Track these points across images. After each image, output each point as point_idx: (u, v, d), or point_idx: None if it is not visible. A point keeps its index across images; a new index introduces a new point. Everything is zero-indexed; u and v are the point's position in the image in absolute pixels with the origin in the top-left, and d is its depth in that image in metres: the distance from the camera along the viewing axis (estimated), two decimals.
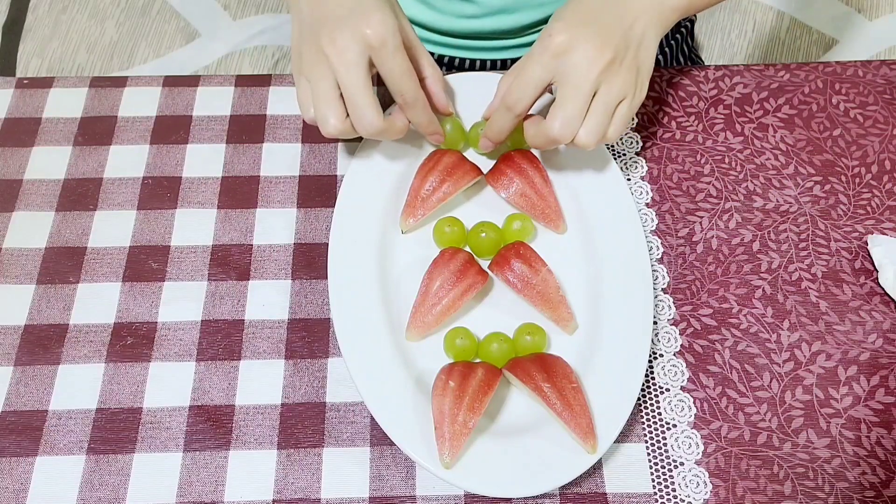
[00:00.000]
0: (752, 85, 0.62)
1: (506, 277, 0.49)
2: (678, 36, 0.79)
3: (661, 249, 0.54)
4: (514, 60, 0.72)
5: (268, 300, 0.52)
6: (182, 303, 0.52)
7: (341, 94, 0.47)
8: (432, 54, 0.73)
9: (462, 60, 0.72)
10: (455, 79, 0.58)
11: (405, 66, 0.47)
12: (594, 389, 0.46)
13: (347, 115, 0.48)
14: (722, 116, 0.60)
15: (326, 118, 0.47)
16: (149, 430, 0.47)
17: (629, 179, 0.57)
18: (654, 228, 0.55)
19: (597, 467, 0.46)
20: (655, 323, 0.51)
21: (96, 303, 0.52)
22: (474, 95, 0.58)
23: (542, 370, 0.45)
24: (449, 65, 0.73)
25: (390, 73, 0.47)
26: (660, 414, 0.48)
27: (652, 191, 0.57)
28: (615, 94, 0.48)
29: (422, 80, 0.52)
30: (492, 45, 0.71)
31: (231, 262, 0.54)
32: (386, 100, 0.57)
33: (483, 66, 0.72)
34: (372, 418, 0.47)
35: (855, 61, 0.63)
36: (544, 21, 0.68)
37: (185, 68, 1.47)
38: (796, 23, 1.54)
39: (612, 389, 0.46)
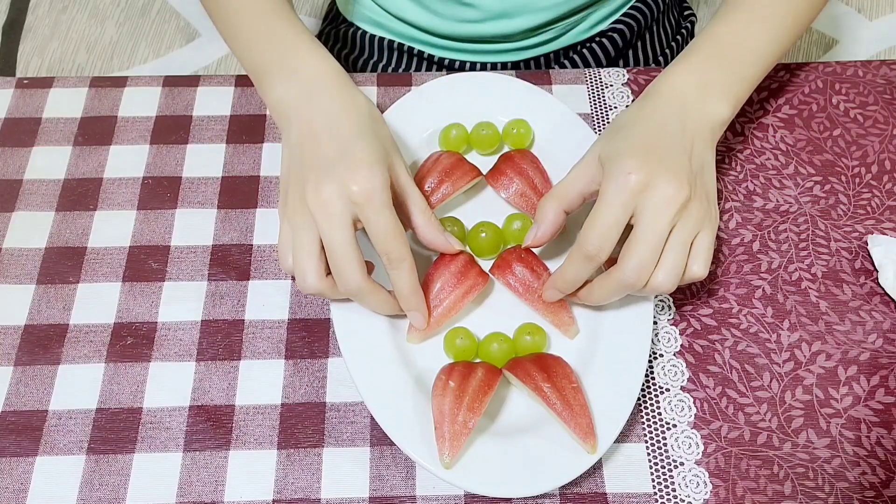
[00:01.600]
0: None
1: (507, 282, 0.49)
2: (678, 37, 0.79)
3: None
4: (514, 64, 0.72)
5: (268, 300, 0.52)
6: (182, 303, 0.52)
7: (323, 248, 0.45)
8: (431, 57, 0.73)
9: (462, 63, 0.72)
10: (456, 79, 0.58)
11: (391, 225, 0.44)
12: (594, 389, 0.46)
13: (328, 272, 0.45)
14: None
15: (304, 275, 0.45)
16: (149, 430, 0.47)
17: None
18: None
19: (597, 467, 0.46)
20: (655, 323, 0.51)
21: (96, 303, 0.52)
22: (475, 96, 0.58)
23: (542, 370, 0.45)
24: (449, 67, 0.73)
25: (375, 233, 0.44)
26: (660, 414, 0.48)
27: None
28: (690, 229, 0.45)
29: (413, 227, 0.49)
30: (493, 49, 0.71)
31: (231, 262, 0.54)
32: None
33: (483, 68, 0.72)
34: (372, 418, 0.47)
35: (855, 61, 0.63)
36: (544, 25, 0.68)
37: (185, 68, 1.47)
38: None
39: (612, 389, 0.46)
